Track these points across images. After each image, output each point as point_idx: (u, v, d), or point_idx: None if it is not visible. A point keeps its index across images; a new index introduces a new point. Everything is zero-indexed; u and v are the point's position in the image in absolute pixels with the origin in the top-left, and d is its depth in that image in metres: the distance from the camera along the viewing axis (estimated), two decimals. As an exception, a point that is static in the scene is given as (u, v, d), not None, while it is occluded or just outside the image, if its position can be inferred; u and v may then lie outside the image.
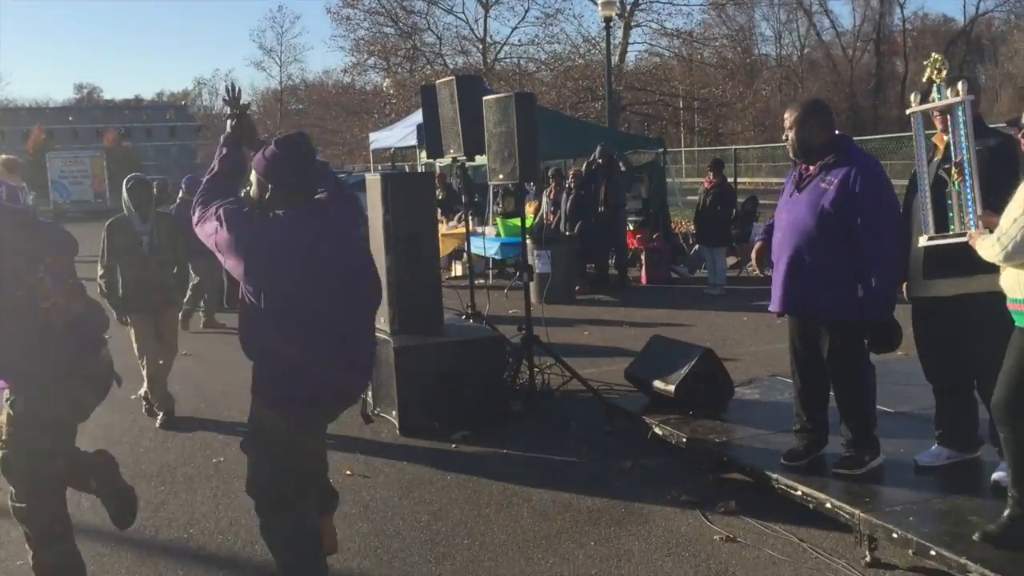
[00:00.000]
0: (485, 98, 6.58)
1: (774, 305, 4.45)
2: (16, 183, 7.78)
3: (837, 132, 4.43)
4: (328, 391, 3.39)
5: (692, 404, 5.47)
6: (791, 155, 4.40)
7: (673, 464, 5.23)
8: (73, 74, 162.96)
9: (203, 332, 10.23)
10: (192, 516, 4.82)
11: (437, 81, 7.54)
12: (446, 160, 8.14)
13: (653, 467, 5.21)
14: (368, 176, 7.29)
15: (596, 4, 21.31)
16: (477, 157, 6.95)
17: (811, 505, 4.15)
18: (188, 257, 7.29)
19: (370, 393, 6.73)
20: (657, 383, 5.61)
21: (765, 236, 4.68)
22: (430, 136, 7.52)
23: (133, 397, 6.73)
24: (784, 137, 4.36)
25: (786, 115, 4.36)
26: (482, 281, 12.24)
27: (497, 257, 12.91)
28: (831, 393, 4.49)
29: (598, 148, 12.42)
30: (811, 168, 4.31)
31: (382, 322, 6.57)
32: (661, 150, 15.36)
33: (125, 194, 6.71)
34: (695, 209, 12.50)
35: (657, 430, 5.35)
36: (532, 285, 11.44)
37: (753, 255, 4.87)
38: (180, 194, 10.48)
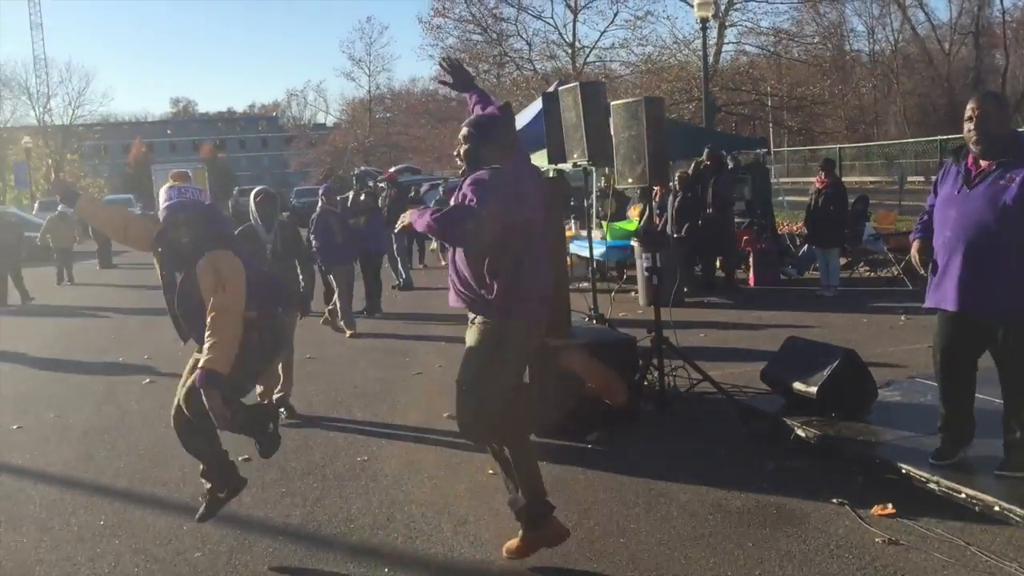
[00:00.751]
0: (613, 103, 6.65)
1: (946, 303, 4.36)
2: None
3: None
4: (545, 299, 4.13)
5: (834, 406, 5.42)
6: (972, 147, 4.27)
7: (818, 466, 5.19)
8: (170, 89, 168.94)
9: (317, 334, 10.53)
10: (349, 512, 5.00)
11: (560, 87, 7.64)
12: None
13: (798, 469, 5.19)
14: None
15: (691, 5, 21.17)
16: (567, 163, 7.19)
17: (977, 508, 4.09)
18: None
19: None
20: (797, 384, 5.58)
21: (922, 234, 4.62)
22: (551, 141, 7.60)
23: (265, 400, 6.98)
24: (967, 128, 4.23)
25: (970, 105, 4.25)
26: (585, 284, 12.29)
27: (602, 260, 12.95)
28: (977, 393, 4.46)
29: (706, 149, 12.36)
30: (982, 164, 4.24)
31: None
32: (763, 151, 15.17)
33: (253, 206, 7.16)
34: (806, 209, 12.32)
35: (800, 432, 5.33)
36: (640, 288, 11.52)
37: (914, 253, 4.75)
38: (320, 203, 10.85)
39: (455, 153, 4.08)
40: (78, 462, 6.17)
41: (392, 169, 23.41)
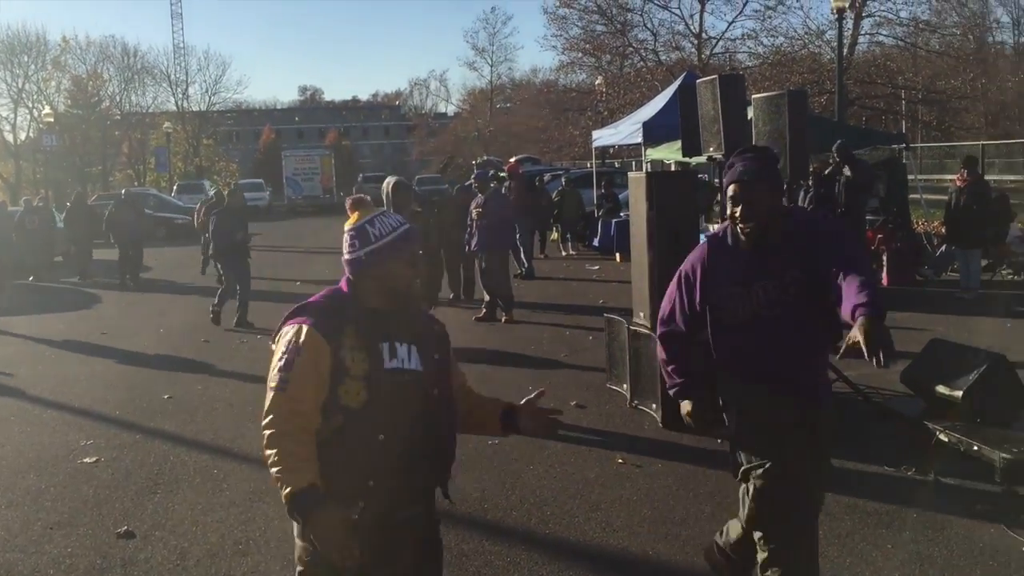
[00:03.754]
0: (754, 96, 6.57)
1: None
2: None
3: None
4: None
5: (979, 412, 5.26)
6: None
7: (960, 472, 5.04)
8: (298, 77, 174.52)
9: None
10: (482, 493, 5.14)
11: (698, 80, 7.58)
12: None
13: (939, 473, 5.05)
14: (631, 174, 7.45)
15: (826, -5, 20.54)
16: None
17: None
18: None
19: (627, 387, 6.93)
20: (941, 388, 5.44)
21: None
22: (687, 134, 7.56)
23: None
24: None
25: None
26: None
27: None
28: None
29: (836, 144, 12.03)
30: None
31: (641, 317, 6.74)
32: (903, 145, 14.63)
33: (391, 194, 7.25)
34: (945, 207, 11.84)
35: (943, 436, 5.18)
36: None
37: None
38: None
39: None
40: (226, 431, 6.54)
41: (513, 159, 23.58)
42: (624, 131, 16.85)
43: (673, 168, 15.12)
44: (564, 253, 18.58)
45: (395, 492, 2.49)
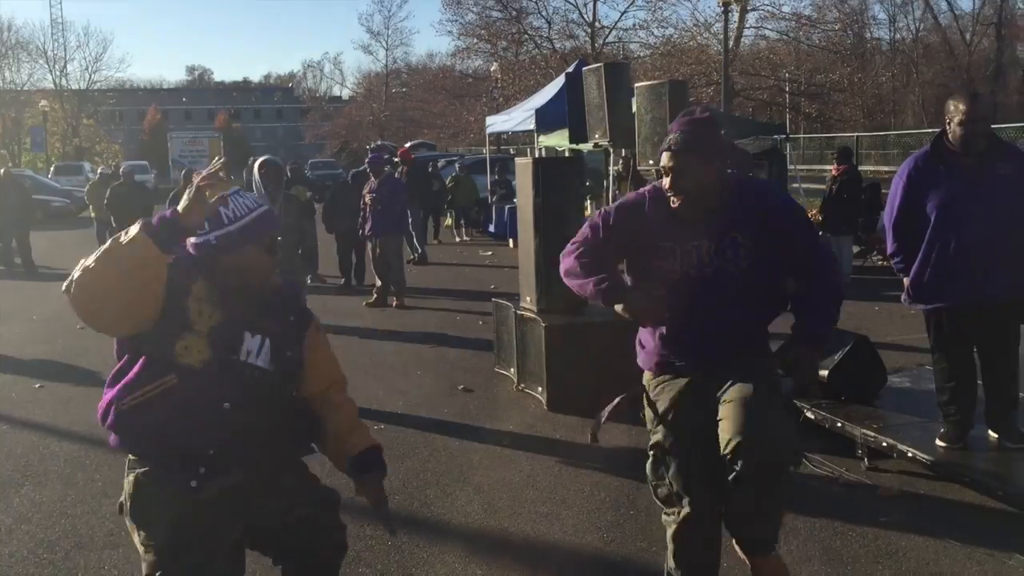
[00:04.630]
0: (638, 85, 6.73)
1: (957, 297, 4.56)
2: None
3: None
4: None
5: (844, 390, 5.52)
6: (971, 147, 4.41)
7: (824, 448, 5.28)
8: (186, 56, 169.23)
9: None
10: (366, 477, 5.12)
11: (584, 68, 7.69)
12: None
13: (805, 449, 5.28)
14: (518, 160, 7.50)
15: (713, -12, 21.09)
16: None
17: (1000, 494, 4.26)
18: None
19: (514, 371, 7.00)
20: (808, 368, 5.67)
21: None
22: (573, 121, 7.70)
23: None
24: (961, 129, 4.39)
25: (964, 107, 4.38)
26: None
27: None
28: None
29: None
30: (964, 159, 4.44)
31: (528, 301, 6.82)
32: (782, 136, 15.18)
33: (257, 176, 6.62)
34: (822, 197, 12.35)
35: (809, 414, 5.43)
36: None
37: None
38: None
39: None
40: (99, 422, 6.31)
41: (407, 145, 23.45)
42: (517, 118, 16.97)
43: (567, 155, 15.32)
44: (458, 239, 18.60)
45: (234, 462, 2.38)
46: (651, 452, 3.18)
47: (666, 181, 3.00)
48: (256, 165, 6.77)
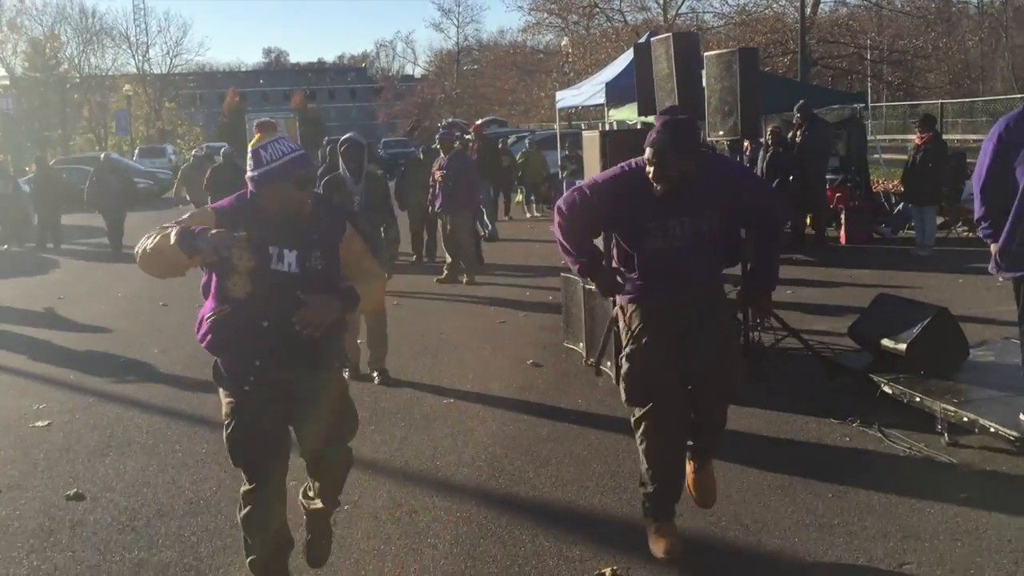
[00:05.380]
0: (706, 54, 6.58)
1: None
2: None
3: None
4: None
5: (923, 364, 5.35)
6: None
7: (903, 423, 5.14)
8: (262, 39, 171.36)
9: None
10: (435, 450, 5.18)
11: (652, 39, 7.56)
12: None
13: (882, 424, 5.16)
14: (586, 133, 7.44)
15: (789, -46, 20.52)
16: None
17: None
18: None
19: (582, 345, 6.98)
20: (886, 341, 5.53)
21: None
22: (642, 94, 7.55)
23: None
24: None
25: None
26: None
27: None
28: None
29: (798, 104, 12.08)
30: None
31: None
32: (862, 105, 14.73)
33: (340, 155, 6.81)
34: (904, 166, 11.96)
35: (887, 388, 5.29)
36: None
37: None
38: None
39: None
40: (181, 394, 6.51)
41: (478, 121, 23.46)
42: (587, 92, 16.79)
43: (639, 128, 15.13)
44: (528, 215, 18.57)
45: (275, 363, 3.09)
46: (624, 361, 3.79)
47: (651, 171, 3.56)
48: (339, 143, 6.98)
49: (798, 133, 12.09)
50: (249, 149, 3.04)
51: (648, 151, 3.55)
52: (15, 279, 13.08)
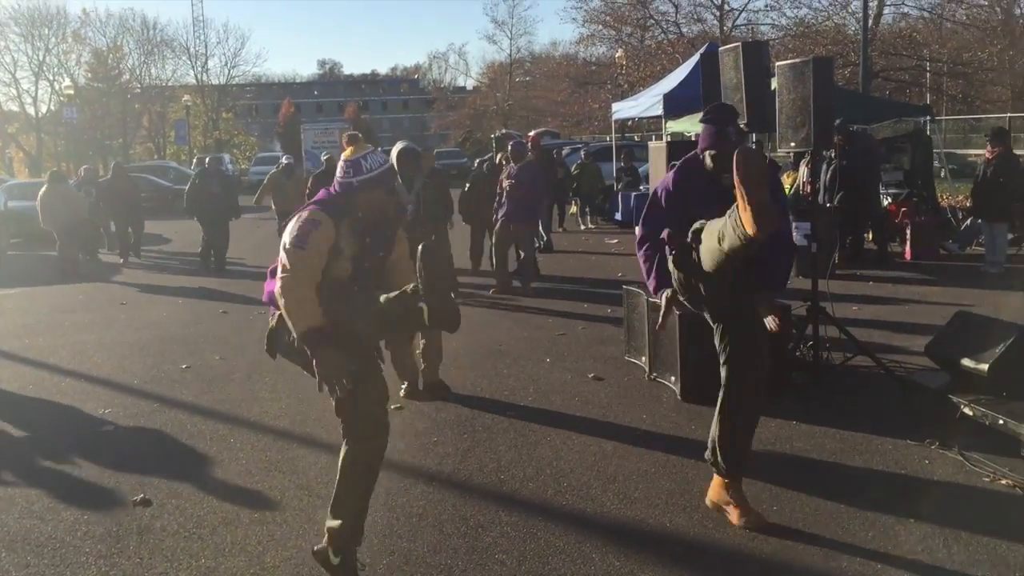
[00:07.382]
0: (778, 63, 6.44)
1: None
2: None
3: None
4: None
5: (1006, 385, 5.15)
6: None
7: (983, 446, 4.94)
8: (317, 50, 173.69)
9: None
10: (499, 464, 5.10)
11: (720, 48, 7.43)
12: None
13: (963, 447, 4.96)
14: (652, 143, 7.34)
15: (851, -36, 20.16)
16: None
17: None
18: None
19: (645, 359, 6.85)
20: (966, 361, 5.33)
21: None
22: (708, 104, 7.42)
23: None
24: None
25: None
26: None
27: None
28: None
29: (835, 124, 11.77)
30: None
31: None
32: (927, 118, 14.38)
33: (396, 163, 6.81)
34: (973, 180, 11.63)
35: (967, 410, 5.09)
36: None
37: None
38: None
39: None
40: (243, 402, 6.52)
41: (532, 133, 23.41)
42: (644, 103, 16.65)
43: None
44: (583, 227, 18.46)
45: (364, 322, 3.58)
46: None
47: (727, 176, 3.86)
48: (393, 151, 7.00)
49: (834, 155, 11.68)
50: (345, 159, 3.56)
51: (710, 153, 4.20)
52: (76, 284, 13.32)
